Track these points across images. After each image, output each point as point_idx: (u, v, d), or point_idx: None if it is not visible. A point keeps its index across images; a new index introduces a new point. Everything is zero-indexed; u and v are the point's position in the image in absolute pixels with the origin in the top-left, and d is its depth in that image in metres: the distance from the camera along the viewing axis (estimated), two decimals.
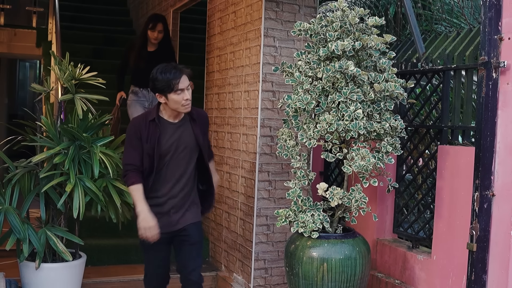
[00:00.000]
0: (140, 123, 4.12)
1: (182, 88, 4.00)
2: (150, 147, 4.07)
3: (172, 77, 3.96)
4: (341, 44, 4.01)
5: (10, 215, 4.74)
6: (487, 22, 3.79)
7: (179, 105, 4.03)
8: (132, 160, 4.09)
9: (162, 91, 4.00)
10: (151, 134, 4.08)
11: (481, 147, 3.80)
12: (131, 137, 4.12)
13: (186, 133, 4.20)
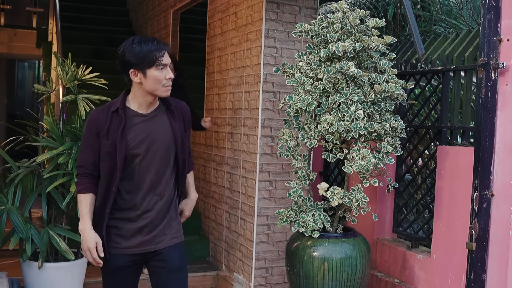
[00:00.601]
0: (99, 115, 3.32)
1: (165, 64, 3.26)
2: (111, 143, 3.27)
3: (154, 48, 3.22)
4: (341, 45, 4.05)
5: (13, 214, 4.76)
6: (486, 23, 3.83)
7: (159, 85, 3.26)
8: (83, 162, 3.36)
9: (139, 65, 3.20)
10: (113, 127, 3.29)
11: (480, 147, 3.84)
12: (86, 133, 3.36)
13: (160, 126, 3.40)
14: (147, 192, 3.37)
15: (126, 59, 3.22)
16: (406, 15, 5.22)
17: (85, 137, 3.36)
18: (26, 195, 4.98)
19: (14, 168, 5.07)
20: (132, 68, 3.23)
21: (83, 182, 3.36)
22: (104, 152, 3.29)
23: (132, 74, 3.25)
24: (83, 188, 3.35)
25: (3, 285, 4.56)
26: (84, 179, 3.36)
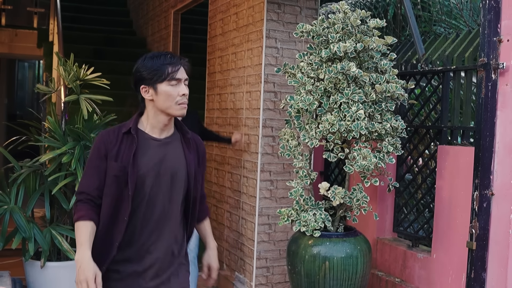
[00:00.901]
0: (109, 135, 2.98)
1: (179, 78, 2.95)
2: (120, 167, 2.90)
3: (167, 61, 2.94)
4: (343, 45, 4.07)
5: (15, 214, 4.80)
6: (487, 24, 3.85)
7: (172, 102, 2.93)
8: (86, 187, 2.95)
9: (149, 80, 2.93)
10: (123, 149, 2.94)
11: (480, 147, 3.86)
12: (92, 155, 2.98)
13: (174, 154, 3.04)
14: (154, 228, 2.97)
15: (138, 74, 2.95)
16: (406, 16, 5.25)
17: (91, 159, 2.98)
18: (29, 195, 5.01)
19: (16, 168, 5.10)
20: (143, 84, 2.94)
21: (83, 208, 2.93)
22: (111, 176, 2.91)
23: (143, 90, 2.95)
24: (83, 215, 2.91)
25: (6, 284, 4.58)
26: (85, 205, 2.94)
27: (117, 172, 2.88)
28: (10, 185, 5.01)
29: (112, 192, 2.91)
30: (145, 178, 2.91)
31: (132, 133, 2.95)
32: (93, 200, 2.94)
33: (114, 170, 2.89)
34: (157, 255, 2.97)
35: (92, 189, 2.93)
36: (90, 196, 2.93)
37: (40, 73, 17.12)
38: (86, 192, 2.94)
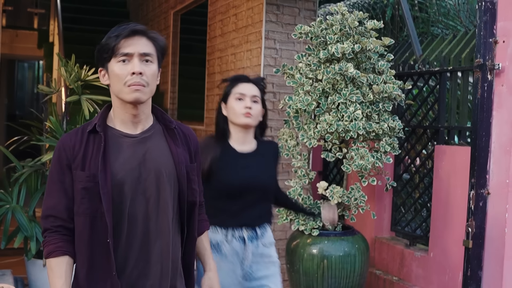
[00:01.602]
0: (70, 139, 2.32)
1: (127, 53, 2.26)
2: (89, 176, 2.25)
3: (115, 32, 2.28)
4: (341, 47, 4.11)
5: (17, 213, 4.84)
6: (482, 25, 3.90)
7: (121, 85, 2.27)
8: (53, 209, 2.29)
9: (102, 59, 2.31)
10: (90, 154, 2.29)
11: (476, 146, 3.90)
12: (53, 167, 2.34)
13: (157, 151, 2.38)
14: (140, 250, 2.32)
15: (95, 56, 2.37)
16: (404, 17, 5.29)
17: (52, 173, 2.33)
18: (30, 194, 5.05)
19: (18, 168, 5.14)
20: (100, 66, 2.36)
21: (54, 240, 2.26)
22: (80, 190, 2.26)
23: (101, 74, 2.37)
24: (55, 248, 2.25)
25: (8, 282, 4.62)
26: (55, 235, 2.27)
27: (86, 184, 2.24)
28: (12, 184, 5.05)
29: (84, 209, 2.26)
30: (122, 187, 2.27)
31: (98, 130, 2.31)
32: (64, 226, 2.28)
33: (82, 182, 2.25)
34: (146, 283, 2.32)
35: (60, 211, 2.28)
36: (59, 221, 2.28)
37: (39, 74, 17.16)
38: (54, 216, 2.28)
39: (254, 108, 3.23)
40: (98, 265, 2.27)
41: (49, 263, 2.26)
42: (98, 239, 2.25)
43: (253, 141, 3.34)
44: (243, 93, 3.23)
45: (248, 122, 3.22)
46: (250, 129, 3.30)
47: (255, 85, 3.29)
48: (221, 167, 3.21)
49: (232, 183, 3.20)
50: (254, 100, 3.24)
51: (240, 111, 3.20)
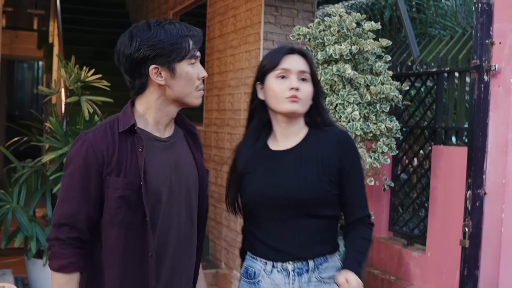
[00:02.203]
0: (101, 139, 2.09)
1: (198, 56, 2.18)
2: (127, 183, 2.06)
3: (186, 32, 2.13)
4: (338, 48, 4.14)
5: (18, 213, 4.87)
6: (479, 27, 3.92)
7: (192, 89, 2.18)
8: (69, 217, 2.06)
9: (166, 57, 2.10)
10: (126, 157, 2.09)
11: (473, 147, 3.92)
12: (75, 171, 2.08)
13: (184, 158, 2.26)
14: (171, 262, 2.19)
15: (144, 52, 2.08)
16: (401, 18, 5.32)
17: (73, 177, 2.08)
18: (31, 195, 5.08)
19: (19, 168, 5.17)
20: (154, 64, 2.09)
21: (67, 253, 2.05)
22: (115, 199, 2.06)
23: (153, 72, 2.10)
24: (68, 264, 2.06)
25: (9, 282, 4.65)
26: (68, 248, 2.05)
27: (124, 192, 2.05)
28: (13, 185, 5.09)
29: (120, 220, 2.08)
30: (158, 196, 2.12)
31: (138, 132, 2.10)
32: (80, 238, 2.07)
33: (119, 190, 2.06)
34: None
35: (79, 220, 2.06)
36: (75, 232, 2.06)
37: (39, 74, 17.19)
38: (70, 225, 2.05)
39: (303, 89, 2.36)
40: (132, 280, 2.11)
41: (58, 277, 2.05)
42: (134, 252, 2.09)
43: (301, 132, 2.43)
44: (287, 68, 2.36)
45: (295, 109, 2.35)
46: (297, 118, 2.42)
47: (302, 57, 2.41)
48: (247, 175, 2.44)
49: (250, 196, 2.40)
50: (303, 77, 2.38)
51: (283, 93, 2.34)
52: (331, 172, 2.33)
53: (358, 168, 2.38)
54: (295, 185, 2.31)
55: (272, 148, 2.43)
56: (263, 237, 2.37)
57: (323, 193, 2.32)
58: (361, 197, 2.39)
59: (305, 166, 2.35)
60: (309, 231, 2.33)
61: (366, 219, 2.40)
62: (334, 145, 2.36)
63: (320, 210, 2.33)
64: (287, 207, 2.31)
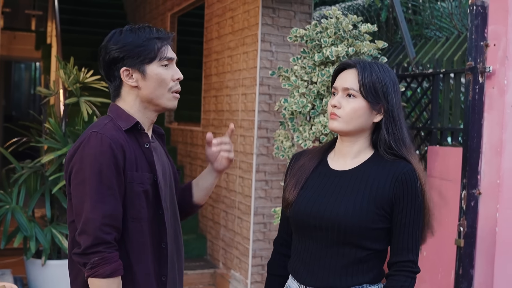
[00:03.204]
0: (119, 138, 2.12)
1: (171, 58, 2.26)
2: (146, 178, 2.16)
3: (154, 35, 2.21)
4: (335, 50, 4.17)
5: (17, 213, 4.90)
6: (474, 29, 3.96)
7: (164, 90, 2.22)
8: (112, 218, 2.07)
9: (134, 59, 2.18)
10: (136, 154, 2.17)
11: (468, 148, 3.96)
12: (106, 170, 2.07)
13: (163, 157, 2.36)
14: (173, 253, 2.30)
15: (113, 54, 2.18)
16: (397, 20, 5.36)
17: (104, 175, 2.06)
18: (30, 195, 5.11)
19: (18, 169, 5.21)
20: (124, 66, 2.17)
21: (115, 256, 2.06)
22: (139, 193, 2.13)
23: (124, 74, 2.18)
24: (118, 266, 2.06)
25: (8, 282, 4.68)
26: (115, 251, 2.06)
27: (147, 186, 2.14)
28: (12, 185, 5.13)
29: (145, 214, 2.14)
30: (164, 192, 2.24)
31: (140, 129, 2.20)
32: (117, 238, 2.10)
33: (143, 184, 2.14)
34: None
35: (119, 220, 2.09)
36: (116, 232, 2.08)
37: (36, 75, 17.21)
38: (112, 225, 2.06)
39: (345, 107, 2.21)
40: (154, 272, 2.17)
41: (110, 283, 2.03)
42: (155, 245, 2.17)
43: (361, 155, 2.29)
44: (335, 86, 2.28)
45: (333, 127, 2.25)
46: (350, 136, 2.28)
47: (356, 72, 2.23)
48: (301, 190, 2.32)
49: (297, 213, 2.27)
50: (348, 93, 2.22)
51: (329, 110, 2.26)
52: (383, 205, 2.17)
53: (413, 209, 2.19)
54: (341, 210, 2.17)
55: (330, 165, 2.32)
56: (302, 258, 2.28)
57: (369, 224, 2.16)
58: (410, 240, 2.21)
59: (357, 192, 2.19)
60: (347, 261, 2.19)
61: (409, 264, 2.23)
62: (392, 178, 2.18)
63: (363, 241, 2.18)
64: (329, 232, 2.18)
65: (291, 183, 2.32)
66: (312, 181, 2.29)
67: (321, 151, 2.37)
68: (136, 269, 2.13)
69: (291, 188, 2.31)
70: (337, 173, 2.27)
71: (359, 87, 2.20)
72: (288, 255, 2.42)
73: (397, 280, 2.21)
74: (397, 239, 2.21)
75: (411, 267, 2.23)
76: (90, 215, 2.03)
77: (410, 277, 2.23)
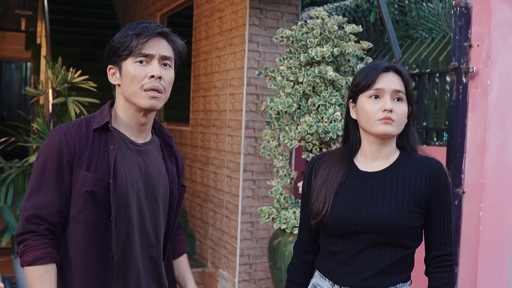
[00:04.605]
0: (75, 131, 2.08)
1: (147, 54, 2.11)
2: (96, 179, 2.04)
3: (135, 30, 2.12)
4: (320, 50, 4.21)
5: (5, 213, 4.92)
6: (457, 30, 4.01)
7: (136, 88, 2.12)
8: (43, 209, 2.01)
9: (114, 57, 2.16)
10: (97, 153, 2.08)
11: (452, 147, 4.01)
12: (47, 161, 2.05)
13: (156, 167, 2.24)
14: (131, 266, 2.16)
15: (106, 50, 2.20)
16: (383, 21, 5.40)
17: (45, 167, 2.04)
18: (18, 194, 5.13)
19: (6, 168, 5.22)
20: (110, 63, 2.18)
21: (41, 244, 2.00)
22: (83, 193, 2.04)
23: (110, 73, 2.19)
24: (44, 254, 1.99)
25: None
26: (42, 239, 2.00)
27: (92, 187, 2.03)
28: (0, 184, 5.14)
29: (86, 216, 2.04)
30: (125, 197, 2.10)
31: (111, 129, 2.10)
32: (51, 230, 2.03)
33: (88, 185, 2.03)
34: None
35: (51, 213, 2.02)
36: (46, 223, 2.01)
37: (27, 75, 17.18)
38: (41, 217, 2.01)
39: (397, 110, 2.22)
40: (94, 279, 2.06)
41: (34, 270, 1.96)
42: (98, 251, 2.05)
43: (392, 155, 2.31)
44: (381, 88, 2.23)
45: (389, 131, 2.21)
46: (390, 139, 2.29)
47: (398, 75, 2.26)
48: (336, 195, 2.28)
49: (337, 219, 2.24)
50: (398, 97, 2.23)
51: (376, 115, 2.21)
52: (420, 203, 2.21)
53: (446, 203, 2.25)
54: (383, 212, 2.18)
55: (360, 168, 2.31)
56: (338, 260, 2.27)
57: (411, 223, 2.19)
58: (446, 233, 2.27)
59: (394, 193, 2.22)
60: (389, 261, 2.21)
61: (448, 257, 2.27)
62: (426, 175, 2.22)
63: (403, 240, 2.21)
64: (372, 234, 2.19)
65: (321, 193, 2.28)
66: (346, 186, 2.27)
67: (344, 156, 2.35)
68: (67, 271, 2.07)
69: (322, 198, 2.27)
70: (370, 175, 2.28)
71: (405, 91, 2.25)
72: (309, 261, 2.44)
73: (441, 278, 2.26)
74: (433, 234, 2.26)
75: (450, 260, 2.28)
76: (24, 204, 2.04)
77: (451, 271, 2.28)
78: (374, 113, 2.20)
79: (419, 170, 2.23)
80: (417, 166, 2.24)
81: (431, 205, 2.23)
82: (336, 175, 2.29)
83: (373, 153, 2.29)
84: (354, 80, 2.31)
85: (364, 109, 2.23)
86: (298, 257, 2.49)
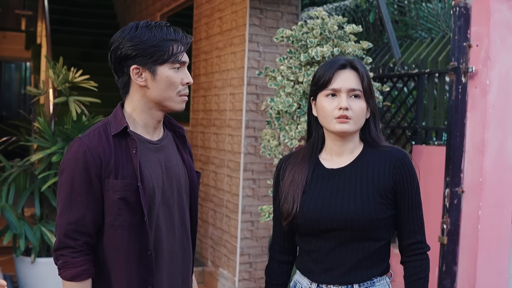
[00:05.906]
0: (97, 143, 2.10)
1: (183, 62, 2.18)
2: (125, 185, 2.09)
3: (172, 36, 2.15)
4: (320, 50, 4.22)
5: (6, 212, 4.93)
6: (457, 30, 4.04)
7: (173, 93, 2.16)
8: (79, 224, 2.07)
9: (146, 58, 2.12)
10: (121, 160, 2.11)
11: (451, 146, 4.04)
12: (75, 175, 2.07)
13: (174, 161, 2.29)
14: (168, 262, 2.23)
15: (125, 51, 2.11)
16: (383, 21, 5.42)
17: (75, 182, 2.07)
18: (19, 193, 5.15)
19: (7, 167, 5.24)
20: (134, 64, 2.12)
21: (79, 261, 2.05)
22: (115, 201, 2.08)
23: (134, 72, 2.13)
24: (82, 272, 2.06)
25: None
26: (80, 256, 2.06)
27: (124, 193, 2.08)
28: (1, 184, 5.15)
29: (122, 221, 2.10)
30: (153, 196, 2.15)
31: (131, 134, 2.12)
32: (89, 243, 2.09)
33: (119, 192, 2.08)
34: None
35: (87, 225, 2.07)
36: (85, 237, 2.07)
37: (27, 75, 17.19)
38: (79, 231, 2.06)
39: (354, 108, 2.24)
40: (137, 279, 2.13)
41: (72, 285, 2.04)
42: (137, 251, 2.11)
43: (355, 150, 2.33)
44: (337, 88, 2.24)
45: (345, 129, 2.24)
46: (351, 136, 2.31)
47: (354, 71, 2.27)
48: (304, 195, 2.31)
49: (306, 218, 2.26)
50: (355, 94, 2.25)
51: (333, 113, 2.24)
52: (386, 194, 2.23)
53: (413, 191, 2.28)
54: (349, 208, 2.20)
55: (325, 165, 2.33)
56: (314, 258, 2.29)
57: (379, 215, 2.21)
58: (416, 221, 2.32)
59: (359, 187, 2.24)
60: (362, 255, 2.24)
61: (419, 245, 2.32)
62: (390, 165, 2.25)
63: (375, 233, 2.23)
64: (342, 231, 2.21)
65: (289, 194, 2.30)
66: (313, 185, 2.29)
67: (309, 154, 2.36)
68: (111, 275, 2.13)
69: (291, 199, 2.29)
70: (335, 172, 2.29)
71: (362, 87, 2.26)
72: (286, 261, 2.47)
73: (414, 267, 2.32)
74: (403, 223, 2.30)
75: (422, 248, 2.33)
76: (58, 221, 2.09)
77: (424, 258, 2.33)
78: (330, 111, 2.23)
79: (382, 161, 2.26)
80: (381, 158, 2.27)
81: (397, 194, 2.25)
82: (301, 174, 2.31)
83: (337, 149, 2.31)
84: (313, 79, 2.33)
85: (322, 107, 2.26)
86: (274, 259, 2.50)
